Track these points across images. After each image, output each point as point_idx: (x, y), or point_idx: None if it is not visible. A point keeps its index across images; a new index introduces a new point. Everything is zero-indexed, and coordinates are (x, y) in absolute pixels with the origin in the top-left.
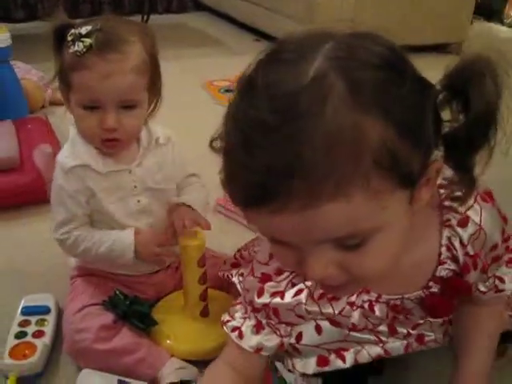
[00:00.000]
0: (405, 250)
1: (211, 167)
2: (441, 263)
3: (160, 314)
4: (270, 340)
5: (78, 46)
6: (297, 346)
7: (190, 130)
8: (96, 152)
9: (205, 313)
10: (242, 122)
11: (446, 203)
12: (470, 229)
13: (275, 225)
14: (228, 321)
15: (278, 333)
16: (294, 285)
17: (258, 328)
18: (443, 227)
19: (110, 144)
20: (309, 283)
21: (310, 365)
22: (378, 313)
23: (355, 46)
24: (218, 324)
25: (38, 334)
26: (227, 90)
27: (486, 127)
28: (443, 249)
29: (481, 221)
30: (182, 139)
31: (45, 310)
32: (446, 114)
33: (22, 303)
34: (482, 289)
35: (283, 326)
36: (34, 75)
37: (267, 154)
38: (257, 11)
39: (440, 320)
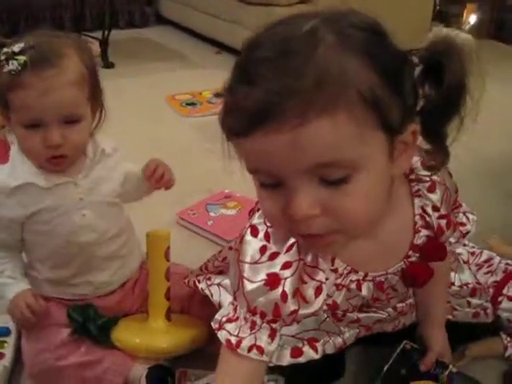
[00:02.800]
0: (382, 224)
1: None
2: (416, 231)
3: (122, 327)
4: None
5: (13, 65)
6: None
7: (152, 143)
8: (37, 168)
9: (168, 315)
10: (245, 61)
11: (412, 176)
12: (439, 191)
13: (268, 150)
14: (239, 343)
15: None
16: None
17: (272, 335)
18: (414, 198)
19: (56, 161)
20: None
21: (284, 356)
22: (364, 292)
23: (344, 13)
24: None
25: None
26: (189, 104)
27: (458, 97)
28: (417, 217)
29: (443, 179)
30: (145, 152)
31: (4, 332)
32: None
33: None
34: (453, 241)
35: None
36: None
37: (265, 80)
38: (218, 24)
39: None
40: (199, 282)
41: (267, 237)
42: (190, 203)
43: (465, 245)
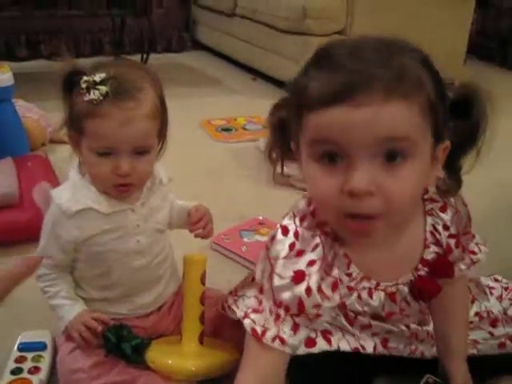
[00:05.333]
0: (397, 235)
1: (207, 203)
2: (426, 247)
3: (156, 348)
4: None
5: (94, 94)
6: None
7: (187, 168)
8: (99, 194)
9: (202, 338)
10: (334, 54)
11: (426, 196)
12: (450, 212)
13: (349, 121)
14: (264, 333)
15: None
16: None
17: (295, 329)
18: (427, 216)
19: (123, 189)
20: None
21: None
22: (375, 301)
23: (401, 40)
24: (218, 349)
25: (34, 371)
26: (224, 129)
27: (478, 133)
28: (428, 234)
29: (455, 204)
30: (178, 177)
31: (41, 347)
32: None
33: (19, 339)
34: (463, 267)
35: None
36: (35, 113)
37: (361, 63)
38: (254, 51)
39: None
40: (227, 301)
41: (296, 234)
42: (222, 228)
43: (497, 280)
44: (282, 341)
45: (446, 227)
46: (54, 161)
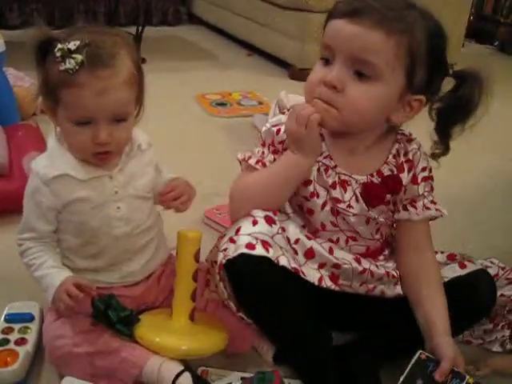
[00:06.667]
0: (367, 145)
1: (201, 177)
2: (386, 163)
3: (145, 323)
4: None
5: (70, 64)
6: (234, 237)
7: (180, 141)
8: (76, 161)
9: (192, 316)
10: None
11: (399, 131)
12: (413, 145)
13: (342, 31)
14: (250, 157)
15: None
16: None
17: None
18: (395, 143)
19: (101, 157)
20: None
21: (240, 247)
22: (330, 178)
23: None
24: (208, 326)
25: (21, 342)
26: (219, 104)
27: (464, 109)
28: (391, 155)
29: (419, 145)
30: (172, 150)
31: (28, 318)
32: None
33: (6, 310)
34: (414, 218)
35: None
36: (26, 82)
37: (378, 1)
38: (251, 26)
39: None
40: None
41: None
42: (215, 203)
43: (493, 263)
44: (264, 164)
45: (405, 153)
46: (45, 130)
